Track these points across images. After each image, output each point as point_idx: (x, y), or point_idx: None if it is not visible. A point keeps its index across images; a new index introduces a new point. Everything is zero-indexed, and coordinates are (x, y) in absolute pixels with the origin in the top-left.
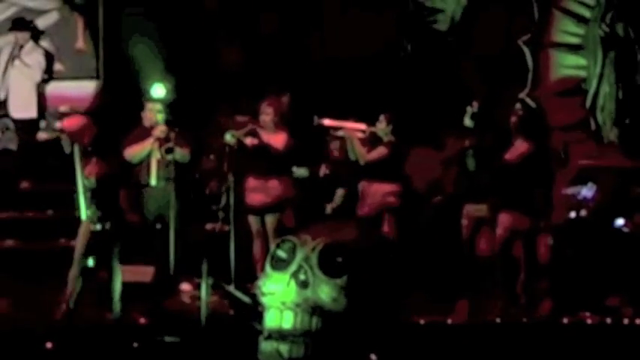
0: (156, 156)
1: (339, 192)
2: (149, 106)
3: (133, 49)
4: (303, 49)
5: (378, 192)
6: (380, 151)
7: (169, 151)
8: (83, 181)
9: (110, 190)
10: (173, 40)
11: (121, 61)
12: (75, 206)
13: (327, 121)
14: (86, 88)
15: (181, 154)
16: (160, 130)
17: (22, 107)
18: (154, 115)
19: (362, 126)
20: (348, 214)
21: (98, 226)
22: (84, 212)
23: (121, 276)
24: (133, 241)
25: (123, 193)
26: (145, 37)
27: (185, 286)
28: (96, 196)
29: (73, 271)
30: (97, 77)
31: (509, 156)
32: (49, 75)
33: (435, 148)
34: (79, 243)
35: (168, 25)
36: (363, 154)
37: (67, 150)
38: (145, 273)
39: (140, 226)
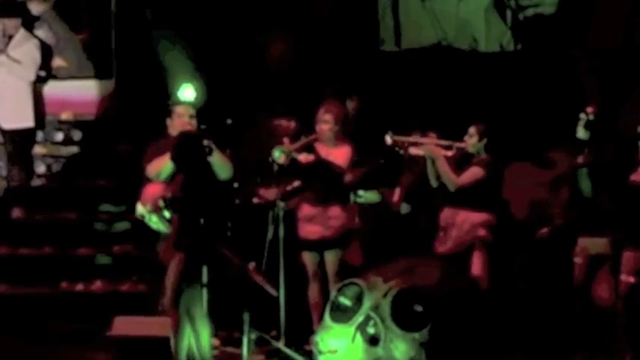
0: None
1: None
2: (179, 110)
3: (157, 42)
4: (372, 38)
5: (465, 223)
6: (474, 173)
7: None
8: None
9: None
10: (206, 30)
11: (139, 56)
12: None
13: (404, 139)
14: (94, 89)
15: (220, 164)
16: None
17: (15, 115)
18: (186, 120)
19: (447, 142)
20: (426, 251)
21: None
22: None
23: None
24: None
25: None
26: (172, 27)
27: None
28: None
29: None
30: (109, 76)
31: (636, 177)
32: (47, 72)
33: (540, 166)
34: (171, 280)
35: (199, 13)
36: (453, 179)
37: (168, 229)
38: (165, 325)
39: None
